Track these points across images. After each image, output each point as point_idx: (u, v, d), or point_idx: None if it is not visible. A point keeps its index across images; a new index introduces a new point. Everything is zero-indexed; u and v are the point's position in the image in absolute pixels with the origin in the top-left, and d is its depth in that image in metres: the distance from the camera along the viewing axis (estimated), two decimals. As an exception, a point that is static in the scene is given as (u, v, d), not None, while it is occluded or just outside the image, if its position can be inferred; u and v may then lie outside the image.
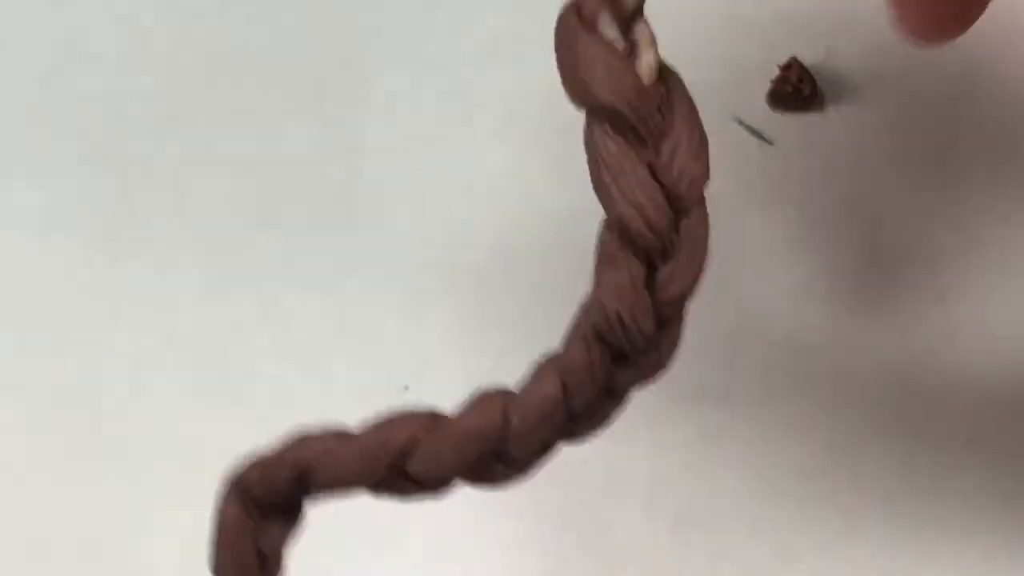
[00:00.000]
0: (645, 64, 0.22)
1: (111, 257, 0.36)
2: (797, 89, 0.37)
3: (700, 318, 0.35)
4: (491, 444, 0.22)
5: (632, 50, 0.22)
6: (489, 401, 0.23)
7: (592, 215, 0.23)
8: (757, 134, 0.37)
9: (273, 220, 0.37)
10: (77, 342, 0.35)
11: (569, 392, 0.22)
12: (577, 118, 0.23)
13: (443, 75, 0.38)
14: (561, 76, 0.23)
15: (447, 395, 0.34)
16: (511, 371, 0.35)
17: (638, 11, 0.23)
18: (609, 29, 0.22)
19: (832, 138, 0.37)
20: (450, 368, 0.35)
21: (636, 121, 0.22)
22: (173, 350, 0.35)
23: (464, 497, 0.24)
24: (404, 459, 0.23)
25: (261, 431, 0.34)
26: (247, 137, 0.38)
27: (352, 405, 0.34)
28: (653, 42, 0.23)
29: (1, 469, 0.34)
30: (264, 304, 0.36)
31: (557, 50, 0.23)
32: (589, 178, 0.22)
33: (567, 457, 0.25)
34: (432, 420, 0.23)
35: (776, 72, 0.37)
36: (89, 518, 0.33)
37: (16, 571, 0.33)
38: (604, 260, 0.22)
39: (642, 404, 0.34)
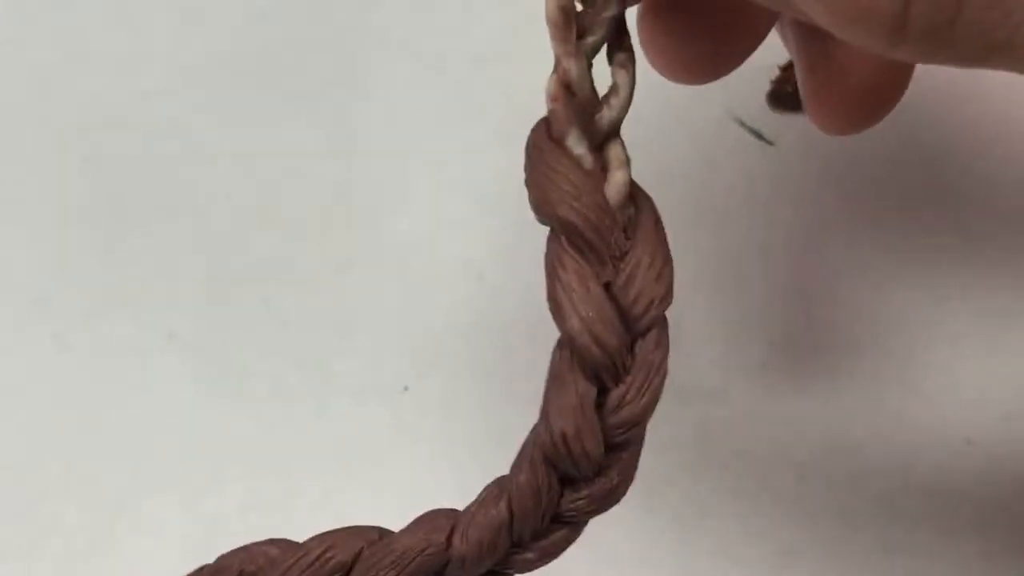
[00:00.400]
0: (614, 184, 0.22)
1: (111, 257, 0.36)
2: (797, 89, 0.37)
3: (700, 318, 0.35)
4: (432, 564, 0.22)
5: (603, 169, 0.22)
6: (434, 520, 0.22)
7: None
8: (757, 134, 0.37)
9: (273, 220, 0.37)
10: (77, 342, 0.35)
11: (515, 517, 0.22)
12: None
13: (443, 75, 0.38)
14: (527, 189, 0.22)
15: (447, 395, 0.35)
16: (510, 372, 0.35)
17: (613, 131, 0.22)
18: (577, 146, 0.22)
19: (832, 138, 0.37)
20: (450, 368, 0.35)
21: (595, 239, 0.21)
22: (173, 350, 0.35)
23: (462, 496, 0.24)
24: (346, 574, 0.22)
25: (261, 431, 0.34)
26: (247, 137, 0.38)
27: (352, 405, 0.35)
28: (626, 162, 0.22)
29: (1, 469, 0.34)
30: (264, 304, 0.36)
31: (525, 163, 0.22)
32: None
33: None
34: (377, 536, 0.22)
35: (776, 72, 0.37)
36: (89, 517, 0.33)
37: (16, 570, 0.33)
38: (553, 379, 0.22)
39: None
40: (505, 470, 0.23)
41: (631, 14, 0.23)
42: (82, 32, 0.39)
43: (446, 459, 0.34)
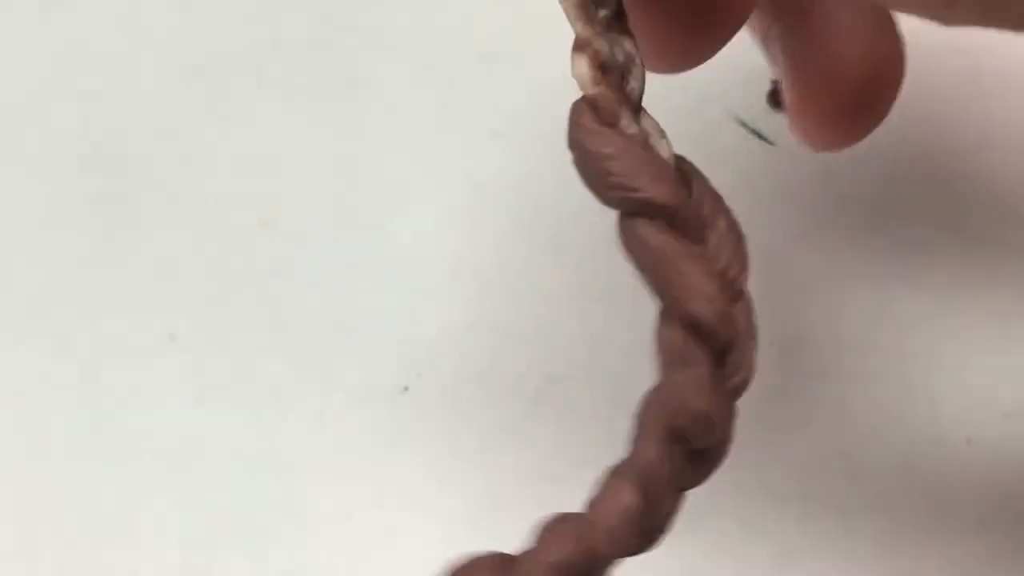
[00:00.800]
0: (664, 155, 0.22)
1: (111, 257, 0.36)
2: (797, 89, 0.37)
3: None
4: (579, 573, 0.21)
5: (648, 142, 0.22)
6: (560, 529, 0.21)
7: (592, 215, 0.23)
8: (757, 134, 0.37)
9: (273, 220, 0.37)
10: (77, 342, 0.35)
11: (649, 501, 0.21)
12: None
13: (443, 75, 0.38)
14: (587, 178, 0.22)
15: (447, 395, 0.35)
16: (510, 372, 0.35)
17: (639, 102, 0.22)
18: (630, 124, 0.22)
19: (832, 138, 0.37)
20: (450, 368, 0.35)
21: (684, 214, 0.21)
22: (173, 350, 0.35)
23: (462, 496, 0.24)
24: None
25: (261, 431, 0.34)
26: (247, 137, 0.38)
27: (352, 405, 0.35)
28: (662, 130, 0.22)
29: (1, 469, 0.34)
30: (264, 304, 0.36)
31: (578, 158, 0.22)
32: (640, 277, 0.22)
33: (568, 456, 0.24)
34: (502, 563, 0.21)
35: (776, 72, 0.37)
36: (89, 518, 0.33)
37: (15, 571, 0.33)
38: (673, 358, 0.21)
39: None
40: (505, 470, 0.23)
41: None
42: (82, 32, 0.39)
43: (446, 459, 0.34)
